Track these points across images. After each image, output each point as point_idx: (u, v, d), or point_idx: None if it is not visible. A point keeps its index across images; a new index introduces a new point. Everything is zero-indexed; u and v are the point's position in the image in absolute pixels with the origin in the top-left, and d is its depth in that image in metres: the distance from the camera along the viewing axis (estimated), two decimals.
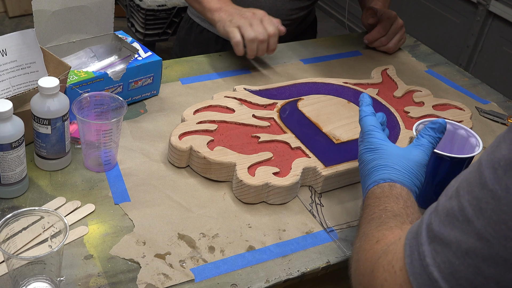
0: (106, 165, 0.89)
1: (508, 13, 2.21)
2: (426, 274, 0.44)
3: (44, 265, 0.68)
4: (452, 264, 0.42)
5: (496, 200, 0.40)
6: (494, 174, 0.41)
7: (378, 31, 1.31)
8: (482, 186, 0.41)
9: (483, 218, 0.40)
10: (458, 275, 0.42)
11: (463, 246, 0.42)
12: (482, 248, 0.40)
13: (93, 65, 1.04)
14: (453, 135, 0.88)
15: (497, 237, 0.40)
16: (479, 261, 0.40)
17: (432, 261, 0.43)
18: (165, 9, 2.52)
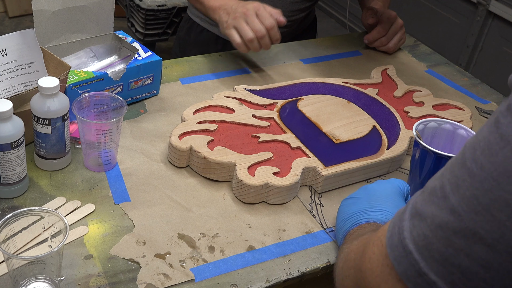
0: (106, 165, 0.89)
1: (508, 13, 2.21)
2: (402, 246, 0.45)
3: (44, 265, 0.68)
4: (426, 236, 0.44)
5: (471, 177, 0.42)
6: (473, 154, 0.43)
7: (378, 31, 1.31)
8: (462, 165, 0.43)
9: (458, 194, 0.42)
10: (430, 247, 0.43)
11: (437, 220, 0.43)
12: (454, 221, 0.42)
13: (93, 65, 1.04)
14: (453, 135, 0.88)
15: (468, 211, 0.41)
16: (450, 233, 0.42)
17: (409, 234, 0.45)
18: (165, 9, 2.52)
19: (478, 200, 0.41)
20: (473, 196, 0.41)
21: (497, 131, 0.42)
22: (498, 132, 0.42)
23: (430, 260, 0.43)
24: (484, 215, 0.40)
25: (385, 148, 0.96)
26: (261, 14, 1.10)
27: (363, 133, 1.00)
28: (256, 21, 1.10)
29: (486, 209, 0.40)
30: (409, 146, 1.00)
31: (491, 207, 0.40)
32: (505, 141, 0.41)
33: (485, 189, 0.41)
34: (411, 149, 0.96)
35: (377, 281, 0.48)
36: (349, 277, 0.53)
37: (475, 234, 0.41)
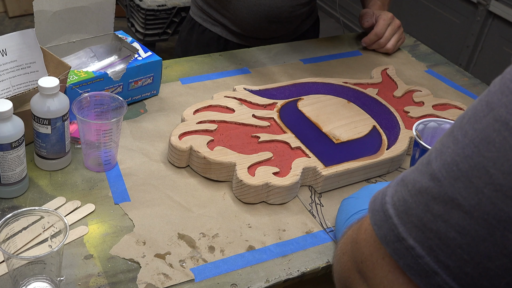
0: (106, 165, 0.89)
1: (508, 13, 2.21)
2: (382, 211, 0.46)
3: (44, 265, 0.68)
4: (406, 201, 0.44)
5: (455, 144, 0.42)
6: (461, 122, 0.43)
7: (375, 33, 1.31)
8: (449, 134, 0.43)
9: (440, 160, 0.42)
10: (410, 212, 0.43)
11: (417, 185, 0.43)
12: (433, 187, 0.42)
13: (93, 65, 1.04)
14: None
15: (448, 178, 0.41)
16: (429, 199, 0.42)
17: (390, 199, 0.46)
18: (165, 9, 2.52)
19: (458, 166, 0.41)
20: (453, 162, 0.41)
21: (484, 99, 0.42)
22: (485, 100, 0.42)
23: (409, 225, 0.43)
24: (463, 182, 0.40)
25: (385, 148, 0.96)
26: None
27: (363, 133, 1.00)
28: None
29: (465, 175, 0.40)
30: (409, 146, 1.00)
31: (470, 173, 0.40)
32: (489, 108, 0.41)
33: (465, 155, 0.41)
34: (411, 149, 0.96)
35: (370, 250, 0.48)
36: (346, 253, 0.53)
37: (453, 200, 0.41)
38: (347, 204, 0.78)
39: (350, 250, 0.52)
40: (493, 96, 0.41)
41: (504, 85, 0.41)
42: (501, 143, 0.39)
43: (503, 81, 0.41)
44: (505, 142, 0.38)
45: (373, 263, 0.48)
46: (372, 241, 0.48)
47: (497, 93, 0.41)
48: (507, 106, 0.39)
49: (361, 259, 0.49)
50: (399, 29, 1.33)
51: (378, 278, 0.47)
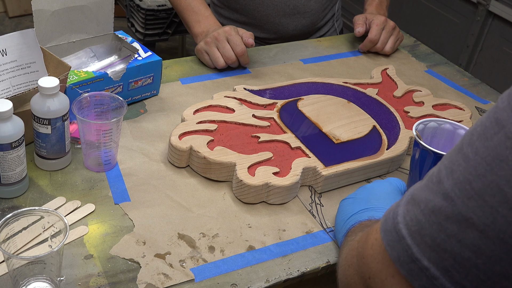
0: (106, 165, 0.89)
1: (508, 13, 2.21)
2: (395, 231, 0.45)
3: (44, 265, 0.68)
4: (419, 221, 0.43)
5: (466, 162, 0.41)
6: (470, 139, 0.43)
7: (370, 40, 1.30)
8: (459, 151, 0.43)
9: (452, 179, 0.42)
10: (423, 232, 0.43)
11: (430, 204, 0.43)
12: (447, 207, 0.42)
13: (93, 65, 1.04)
14: (453, 135, 0.88)
15: (461, 197, 0.41)
16: (443, 219, 0.42)
17: (403, 219, 0.45)
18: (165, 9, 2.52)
19: (471, 185, 0.40)
20: (466, 180, 0.41)
21: (493, 116, 0.42)
22: (494, 117, 0.41)
23: (422, 246, 0.43)
24: (476, 200, 0.40)
25: (385, 148, 0.96)
26: (232, 39, 1.15)
27: (363, 133, 1.00)
28: (227, 47, 1.16)
29: (478, 194, 0.40)
30: (409, 146, 1.00)
31: (484, 192, 0.40)
32: (500, 126, 0.40)
33: (478, 174, 0.40)
34: (411, 149, 0.96)
35: (378, 267, 0.48)
36: (352, 266, 0.53)
37: (467, 220, 0.40)
38: (345, 205, 0.78)
39: (357, 264, 0.52)
40: (503, 113, 0.41)
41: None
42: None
43: (511, 98, 0.41)
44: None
45: (382, 281, 0.47)
46: (380, 258, 0.48)
47: (507, 110, 0.41)
48: None
49: (369, 275, 0.49)
50: (394, 30, 1.33)
51: None
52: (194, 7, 1.26)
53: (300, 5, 1.38)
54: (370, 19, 1.32)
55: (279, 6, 1.37)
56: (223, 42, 1.15)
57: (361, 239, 0.54)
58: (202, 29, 1.23)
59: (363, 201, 0.75)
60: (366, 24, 1.32)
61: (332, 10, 1.49)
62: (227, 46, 1.15)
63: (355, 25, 1.32)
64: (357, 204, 0.75)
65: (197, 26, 1.24)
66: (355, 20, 1.33)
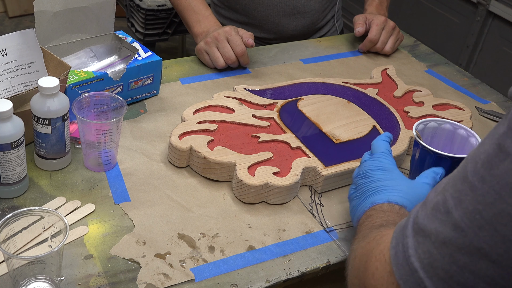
0: (106, 165, 0.89)
1: (508, 13, 2.21)
2: (407, 264, 0.45)
3: (44, 265, 0.68)
4: (431, 254, 0.43)
5: (473, 191, 0.41)
6: (475, 167, 0.42)
7: (370, 40, 1.30)
8: (464, 180, 0.43)
9: (461, 209, 0.42)
10: (435, 265, 0.42)
11: (440, 236, 0.43)
12: (458, 238, 0.41)
13: (93, 65, 1.04)
14: (453, 135, 0.88)
15: (472, 227, 0.40)
16: (454, 250, 0.41)
17: (414, 252, 0.45)
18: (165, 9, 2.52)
19: (481, 215, 0.40)
20: (475, 210, 0.40)
21: (495, 142, 0.41)
22: (496, 143, 0.41)
23: (435, 278, 0.42)
24: (487, 230, 0.40)
25: None
26: (232, 40, 1.15)
27: (363, 133, 1.00)
28: (227, 48, 1.16)
29: (489, 223, 0.39)
30: (409, 146, 1.00)
31: (494, 221, 0.39)
32: (504, 153, 0.40)
33: (487, 203, 0.40)
34: (411, 149, 0.95)
35: None
36: (354, 286, 0.53)
37: (479, 250, 0.40)
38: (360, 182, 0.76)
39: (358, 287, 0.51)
40: (506, 139, 0.40)
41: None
42: None
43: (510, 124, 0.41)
44: None
45: None
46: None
47: (509, 136, 0.40)
48: None
49: None
50: (394, 30, 1.33)
51: None
52: (194, 7, 1.26)
53: (300, 5, 1.38)
54: (370, 19, 1.32)
55: (279, 6, 1.37)
56: (223, 42, 1.16)
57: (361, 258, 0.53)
58: (203, 29, 1.23)
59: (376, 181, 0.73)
60: (366, 24, 1.32)
61: (333, 10, 1.49)
62: (227, 46, 1.15)
63: (355, 25, 1.32)
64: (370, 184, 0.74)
65: (197, 26, 1.24)
66: (355, 20, 1.33)
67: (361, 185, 0.75)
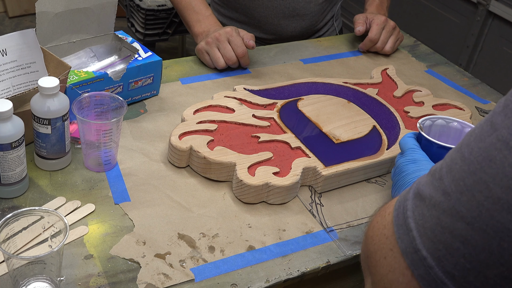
0: (106, 165, 0.89)
1: (508, 13, 2.21)
2: (405, 224, 0.49)
3: (44, 265, 0.68)
4: (424, 216, 0.48)
5: (462, 160, 0.46)
6: (468, 139, 0.47)
7: (370, 39, 1.30)
8: (458, 151, 0.47)
9: (450, 176, 0.46)
10: (426, 225, 0.47)
11: (432, 200, 0.47)
12: (444, 201, 0.46)
13: (93, 65, 1.04)
14: (461, 134, 0.86)
15: (455, 192, 0.45)
16: (440, 213, 0.46)
17: (411, 213, 0.49)
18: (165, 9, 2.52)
19: (464, 182, 0.45)
20: (460, 177, 0.45)
21: (490, 119, 0.46)
22: (490, 120, 0.46)
23: (424, 237, 0.47)
24: (467, 196, 0.44)
25: (385, 148, 0.96)
26: (233, 40, 1.15)
27: (363, 133, 1.00)
28: (228, 48, 1.16)
29: (469, 189, 0.44)
30: None
31: (473, 188, 0.44)
32: (493, 129, 0.45)
33: (470, 171, 0.44)
34: None
35: (374, 248, 0.52)
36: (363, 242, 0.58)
37: (458, 213, 0.44)
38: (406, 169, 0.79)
39: (363, 241, 0.57)
40: (497, 117, 0.45)
41: (507, 108, 0.45)
42: (501, 161, 0.42)
43: (507, 103, 0.45)
44: (504, 160, 0.42)
45: (376, 261, 0.52)
46: (376, 240, 0.52)
47: (501, 115, 0.45)
48: (509, 128, 0.43)
49: (367, 254, 0.54)
50: (394, 30, 1.33)
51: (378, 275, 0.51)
52: (195, 7, 1.26)
53: (300, 7, 1.38)
54: (371, 19, 1.32)
55: (279, 8, 1.37)
56: (224, 42, 1.16)
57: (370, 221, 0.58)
58: (203, 28, 1.23)
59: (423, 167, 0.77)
60: (367, 23, 1.32)
61: (332, 11, 1.49)
62: (228, 47, 1.15)
63: (355, 24, 1.32)
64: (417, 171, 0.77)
65: (197, 26, 1.24)
66: (356, 19, 1.33)
67: (397, 181, 0.79)
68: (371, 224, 0.55)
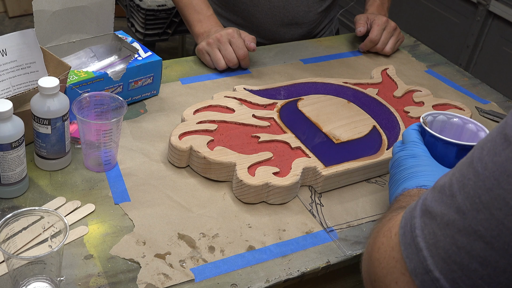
0: (106, 165, 0.89)
1: (508, 13, 2.21)
2: (414, 244, 0.47)
3: (44, 265, 0.68)
4: (435, 235, 0.45)
5: (476, 176, 0.43)
6: (480, 154, 0.44)
7: (370, 40, 1.30)
8: (469, 165, 0.45)
9: (464, 193, 0.44)
10: (438, 245, 0.45)
11: (445, 218, 0.45)
12: (459, 220, 0.44)
13: (93, 65, 1.04)
14: (462, 130, 0.86)
15: (471, 210, 0.43)
16: (455, 232, 0.44)
17: (421, 232, 0.47)
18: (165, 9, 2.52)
19: (480, 199, 0.42)
20: (476, 194, 0.43)
21: (502, 131, 0.43)
22: (503, 133, 0.43)
23: (436, 258, 0.45)
24: (484, 213, 0.42)
25: (385, 148, 0.96)
26: (234, 42, 1.16)
27: (363, 133, 1.00)
28: (229, 50, 1.16)
29: (486, 207, 0.42)
30: None
31: (491, 205, 0.41)
32: (508, 142, 0.42)
33: (486, 188, 0.42)
34: None
35: (383, 272, 0.50)
36: (364, 261, 0.55)
37: (476, 232, 0.42)
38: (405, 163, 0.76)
39: (366, 262, 0.54)
40: (511, 130, 0.43)
41: None
42: None
43: None
44: None
45: (386, 285, 0.49)
46: (385, 264, 0.50)
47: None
48: None
49: (374, 278, 0.51)
50: (395, 31, 1.33)
51: None
52: (196, 6, 1.26)
53: (299, 16, 1.37)
54: (372, 19, 1.32)
55: (278, 16, 1.36)
56: (226, 44, 1.15)
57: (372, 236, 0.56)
58: (204, 29, 1.23)
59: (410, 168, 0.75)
60: (367, 24, 1.32)
61: (329, 17, 1.49)
62: (229, 48, 1.15)
63: (356, 24, 1.32)
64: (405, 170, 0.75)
65: (198, 26, 1.24)
66: (357, 19, 1.33)
67: (394, 175, 0.76)
68: (375, 245, 0.52)
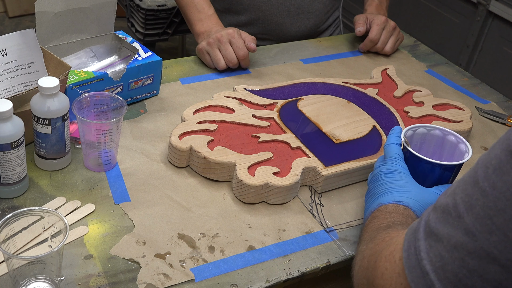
0: (106, 165, 0.89)
1: (508, 13, 2.21)
2: (419, 267, 0.46)
3: (44, 265, 0.68)
4: (442, 257, 0.44)
5: (484, 196, 0.42)
6: (485, 172, 0.43)
7: (370, 40, 1.30)
8: (474, 184, 0.43)
9: (472, 214, 0.42)
10: (446, 268, 0.43)
11: (452, 240, 0.43)
12: (469, 242, 0.42)
13: (93, 65, 1.04)
14: (443, 141, 0.86)
15: (482, 232, 0.41)
16: (465, 254, 0.42)
17: (426, 255, 0.45)
18: (165, 9, 2.52)
19: (492, 220, 0.41)
20: (487, 216, 0.41)
21: (507, 149, 0.42)
22: (508, 150, 0.42)
23: (445, 281, 0.43)
24: (498, 235, 0.40)
25: None
26: (235, 43, 1.16)
27: (363, 133, 1.00)
28: (230, 50, 1.16)
29: (500, 229, 0.40)
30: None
31: (505, 227, 0.40)
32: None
33: (498, 209, 0.41)
34: None
35: None
36: (362, 286, 0.53)
37: (489, 255, 0.41)
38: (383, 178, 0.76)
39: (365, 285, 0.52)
40: None
41: None
42: None
43: None
44: None
45: None
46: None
47: None
48: None
49: None
50: (394, 30, 1.33)
51: None
52: (197, 5, 1.25)
53: (305, 4, 1.38)
54: (371, 19, 1.32)
55: (284, 5, 1.37)
56: (226, 44, 1.15)
57: (370, 258, 0.54)
58: (205, 28, 1.23)
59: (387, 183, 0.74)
60: (367, 23, 1.32)
61: (334, 15, 1.49)
62: (229, 49, 1.15)
63: (355, 24, 1.32)
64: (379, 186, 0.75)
65: (199, 25, 1.24)
66: (356, 19, 1.33)
67: (372, 189, 0.76)
68: (377, 271, 0.51)
